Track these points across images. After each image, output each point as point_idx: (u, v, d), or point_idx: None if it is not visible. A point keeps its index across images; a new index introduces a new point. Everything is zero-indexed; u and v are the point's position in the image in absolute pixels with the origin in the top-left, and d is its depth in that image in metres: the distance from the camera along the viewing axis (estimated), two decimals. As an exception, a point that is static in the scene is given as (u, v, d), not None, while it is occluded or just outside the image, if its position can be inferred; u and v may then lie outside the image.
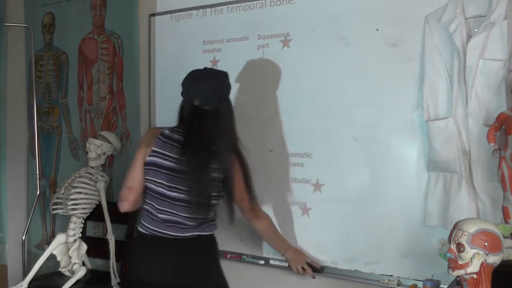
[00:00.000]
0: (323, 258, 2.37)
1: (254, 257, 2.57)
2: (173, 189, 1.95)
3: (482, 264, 1.37)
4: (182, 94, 2.01)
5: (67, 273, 2.88)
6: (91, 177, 2.92)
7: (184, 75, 2.81)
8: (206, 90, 1.96)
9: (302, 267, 2.31)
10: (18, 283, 2.80)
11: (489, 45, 1.92)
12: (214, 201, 2.00)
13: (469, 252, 1.37)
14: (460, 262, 1.38)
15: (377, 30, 2.22)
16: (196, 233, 2.00)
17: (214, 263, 2.09)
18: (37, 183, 3.35)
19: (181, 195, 1.94)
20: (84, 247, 2.89)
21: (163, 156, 1.96)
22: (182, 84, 2.02)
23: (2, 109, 3.73)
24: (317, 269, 2.33)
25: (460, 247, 1.38)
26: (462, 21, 1.96)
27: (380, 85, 2.22)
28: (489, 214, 1.91)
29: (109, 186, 3.05)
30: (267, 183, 2.47)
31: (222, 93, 2.01)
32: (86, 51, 3.26)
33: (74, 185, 2.91)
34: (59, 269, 2.91)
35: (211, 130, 1.96)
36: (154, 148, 1.97)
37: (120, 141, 3.04)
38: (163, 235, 1.97)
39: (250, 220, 2.21)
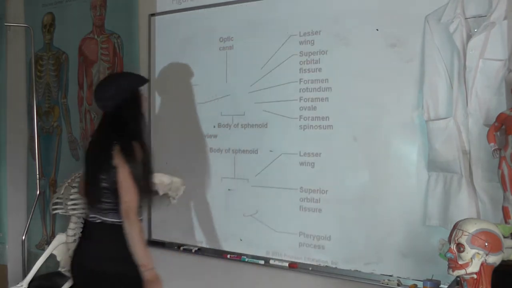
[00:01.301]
0: (323, 258, 2.37)
1: (254, 257, 2.57)
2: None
3: (482, 264, 1.37)
4: None
5: (67, 273, 2.88)
6: (91, 177, 2.92)
7: (185, 75, 2.86)
8: (99, 97, 2.20)
9: None
10: (18, 283, 2.79)
11: (489, 45, 1.92)
12: (105, 184, 2.10)
13: (469, 252, 1.37)
14: (460, 262, 1.38)
15: (377, 30, 2.22)
16: (100, 218, 2.13)
17: (111, 252, 2.10)
18: (37, 183, 3.36)
19: None
20: (84, 247, 2.89)
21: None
22: None
23: (2, 109, 3.73)
24: None
25: (460, 247, 1.38)
26: (462, 21, 1.96)
27: (380, 85, 2.22)
28: (489, 214, 1.91)
29: (109, 186, 3.04)
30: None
31: (113, 99, 2.16)
32: (86, 51, 3.26)
33: (74, 185, 2.90)
34: (59, 269, 2.91)
35: (106, 131, 2.18)
36: None
37: (120, 141, 3.04)
38: (87, 218, 2.21)
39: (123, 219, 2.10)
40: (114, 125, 2.16)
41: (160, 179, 2.39)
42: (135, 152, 2.09)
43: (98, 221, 2.13)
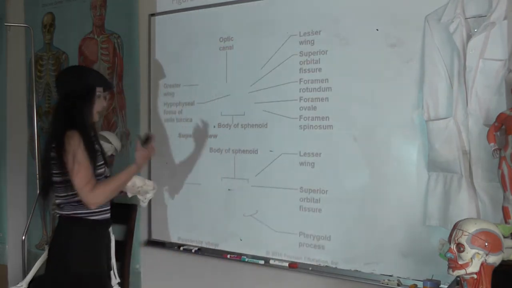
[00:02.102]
0: (323, 258, 2.37)
1: (254, 257, 2.57)
2: None
3: (482, 264, 1.37)
4: None
5: (67, 273, 2.88)
6: (91, 177, 2.92)
7: (184, 75, 2.85)
8: (57, 80, 2.29)
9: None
10: (18, 283, 2.79)
11: (489, 45, 1.92)
12: (56, 178, 2.13)
13: (469, 252, 1.37)
14: (460, 262, 1.38)
15: (377, 30, 2.22)
16: (59, 212, 2.19)
17: (65, 245, 2.15)
18: (37, 183, 3.35)
19: None
20: (84, 247, 2.89)
21: None
22: None
23: (2, 109, 3.73)
24: (150, 137, 2.29)
25: (460, 247, 1.38)
26: (462, 21, 1.96)
27: (380, 85, 2.22)
28: (489, 214, 1.91)
29: (109, 186, 3.04)
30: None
31: (68, 86, 2.20)
32: (86, 51, 3.26)
33: (74, 185, 2.91)
34: (59, 269, 2.91)
35: (52, 123, 2.29)
36: None
37: (120, 141, 3.04)
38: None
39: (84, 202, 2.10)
40: (60, 116, 2.17)
41: (133, 181, 2.39)
42: (65, 143, 2.06)
43: (58, 215, 2.20)
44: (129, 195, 2.44)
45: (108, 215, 2.27)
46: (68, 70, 2.33)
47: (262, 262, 2.54)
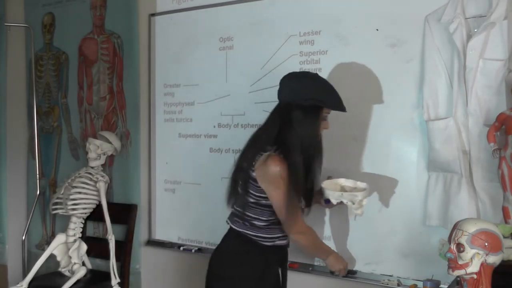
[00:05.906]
0: (323, 258, 2.37)
1: (254, 257, 2.57)
2: None
3: (482, 264, 1.37)
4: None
5: (67, 273, 2.88)
6: (91, 177, 2.93)
7: (184, 75, 2.82)
8: (283, 81, 1.96)
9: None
10: (18, 283, 2.80)
11: (489, 45, 1.92)
12: (251, 199, 1.95)
13: (469, 252, 1.37)
14: (460, 262, 1.38)
15: (377, 30, 2.22)
16: (229, 223, 2.07)
17: (227, 257, 2.04)
18: (37, 183, 3.36)
19: None
20: (84, 247, 2.89)
21: None
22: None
23: (2, 109, 3.73)
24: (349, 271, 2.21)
25: (460, 247, 1.38)
26: (462, 21, 1.96)
27: (380, 85, 2.22)
28: (489, 214, 1.91)
29: (109, 186, 3.05)
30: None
31: (289, 93, 1.91)
32: (86, 51, 3.26)
33: (74, 185, 2.91)
34: (59, 269, 2.92)
35: (261, 132, 1.99)
36: None
37: (120, 141, 3.04)
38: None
39: (287, 233, 2.01)
40: (271, 128, 1.92)
41: (340, 182, 2.11)
42: (269, 168, 1.85)
43: (229, 226, 2.07)
44: (334, 202, 2.03)
45: (284, 241, 2.04)
46: (306, 76, 1.95)
47: (262, 262, 2.54)
